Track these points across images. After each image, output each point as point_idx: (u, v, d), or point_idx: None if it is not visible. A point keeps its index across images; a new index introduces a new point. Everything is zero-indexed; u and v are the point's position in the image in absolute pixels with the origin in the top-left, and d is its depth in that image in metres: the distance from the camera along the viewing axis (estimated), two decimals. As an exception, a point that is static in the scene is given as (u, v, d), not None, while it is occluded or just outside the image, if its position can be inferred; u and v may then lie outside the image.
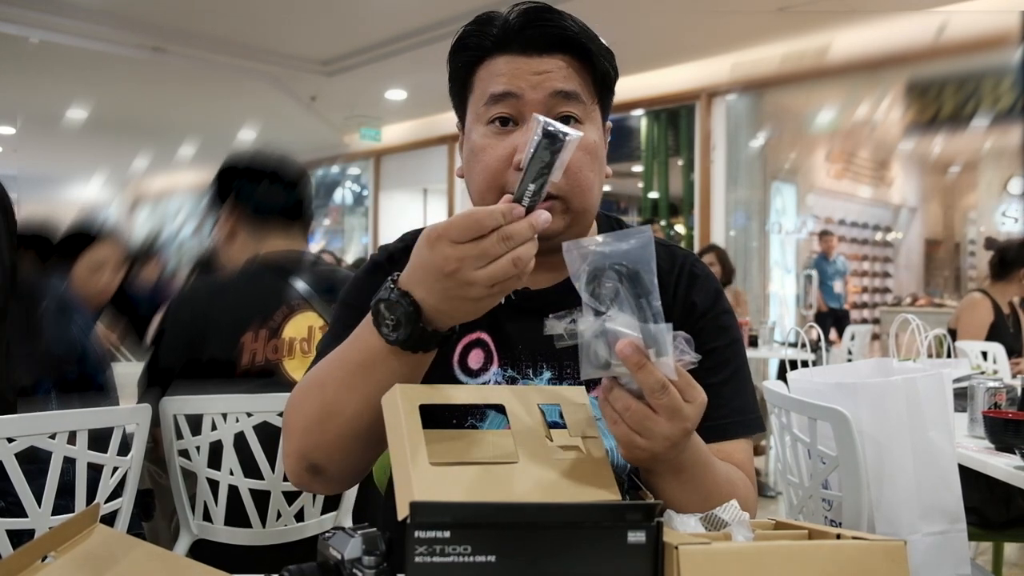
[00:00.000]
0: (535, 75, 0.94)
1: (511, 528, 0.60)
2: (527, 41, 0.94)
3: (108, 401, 1.66)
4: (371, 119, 9.13)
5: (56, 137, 10.00)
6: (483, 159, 0.95)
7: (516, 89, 0.93)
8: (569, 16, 0.96)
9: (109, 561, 0.69)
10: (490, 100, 0.95)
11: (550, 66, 0.94)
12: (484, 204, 0.93)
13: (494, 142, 0.95)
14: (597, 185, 0.98)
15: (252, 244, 1.94)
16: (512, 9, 0.96)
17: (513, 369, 1.00)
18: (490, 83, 0.95)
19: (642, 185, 7.92)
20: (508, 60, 0.95)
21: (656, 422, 0.75)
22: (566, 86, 0.94)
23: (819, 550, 0.63)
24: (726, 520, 0.68)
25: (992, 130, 7.68)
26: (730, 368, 1.01)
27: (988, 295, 3.72)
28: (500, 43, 0.95)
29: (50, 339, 1.56)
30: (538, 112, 0.90)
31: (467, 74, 0.99)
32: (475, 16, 0.99)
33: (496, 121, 0.95)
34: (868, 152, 10.16)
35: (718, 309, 1.03)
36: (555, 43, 0.94)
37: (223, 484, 1.69)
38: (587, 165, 0.96)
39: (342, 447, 0.89)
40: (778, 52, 6.47)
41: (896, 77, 7.21)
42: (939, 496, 1.49)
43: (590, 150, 0.96)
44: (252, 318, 1.79)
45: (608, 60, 0.98)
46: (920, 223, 11.39)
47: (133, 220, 13.60)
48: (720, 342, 1.01)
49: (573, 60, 0.95)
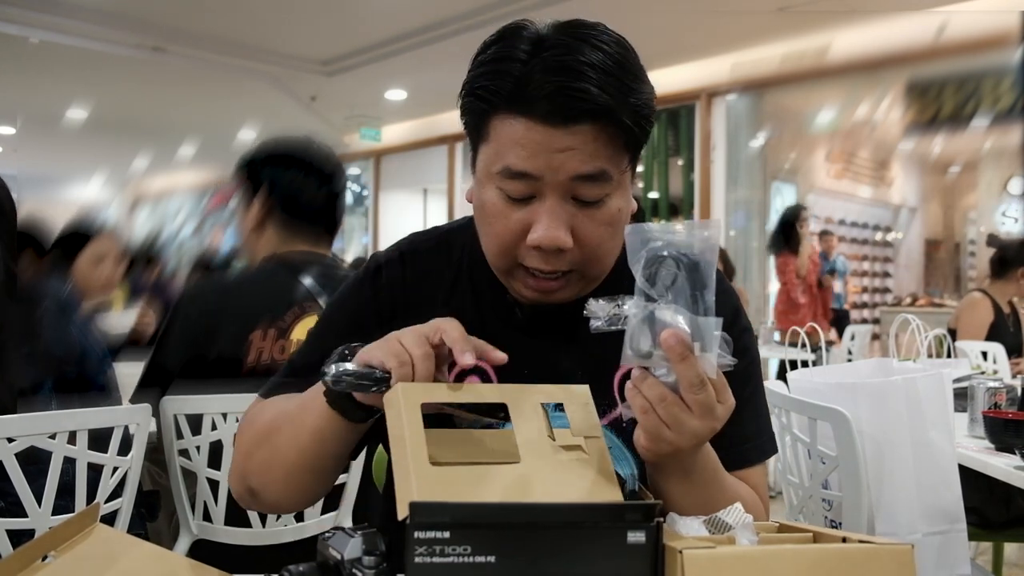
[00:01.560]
0: (557, 153, 0.83)
1: (511, 528, 0.60)
2: (551, 111, 0.82)
3: (109, 401, 1.66)
4: (371, 119, 9.13)
5: (56, 137, 10.00)
6: (495, 227, 0.89)
7: (535, 171, 0.84)
8: (600, 71, 0.82)
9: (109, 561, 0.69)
10: (506, 172, 0.85)
11: (574, 141, 0.82)
12: (495, 265, 0.93)
13: (507, 210, 0.87)
14: (617, 249, 0.92)
15: (277, 241, 1.89)
16: (537, 62, 0.82)
17: None
18: (507, 150, 0.84)
19: (642, 185, 7.92)
20: (527, 127, 0.83)
21: (688, 417, 0.74)
22: (591, 168, 0.84)
23: (825, 553, 0.62)
24: (730, 523, 0.68)
25: (992, 130, 7.67)
26: (748, 388, 0.97)
27: (988, 295, 3.72)
28: (519, 102, 0.83)
29: (50, 339, 1.56)
30: (557, 192, 0.85)
31: (480, 120, 0.88)
32: (492, 43, 0.87)
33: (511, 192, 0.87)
34: (868, 152, 10.16)
35: (738, 328, 0.99)
36: (585, 114, 0.82)
37: (223, 484, 1.69)
38: (608, 238, 0.89)
39: (274, 479, 0.91)
40: (778, 52, 6.46)
41: (896, 77, 7.21)
42: (939, 496, 1.49)
43: (613, 222, 0.88)
44: (262, 316, 1.78)
45: (644, 114, 0.86)
46: (920, 223, 11.38)
47: (133, 220, 13.60)
48: (739, 364, 0.98)
49: (604, 128, 0.83)
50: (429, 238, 1.06)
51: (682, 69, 7.04)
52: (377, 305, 1.01)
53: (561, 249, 0.86)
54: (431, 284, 1.02)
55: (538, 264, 0.88)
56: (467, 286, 1.01)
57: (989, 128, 7.52)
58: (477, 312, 0.99)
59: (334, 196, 1.94)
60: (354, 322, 1.01)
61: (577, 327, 0.93)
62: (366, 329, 0.96)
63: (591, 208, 0.87)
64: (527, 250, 0.88)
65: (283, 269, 1.86)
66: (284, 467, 0.90)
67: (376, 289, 1.02)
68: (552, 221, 0.85)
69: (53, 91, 8.20)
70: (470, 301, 1.00)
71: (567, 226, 0.86)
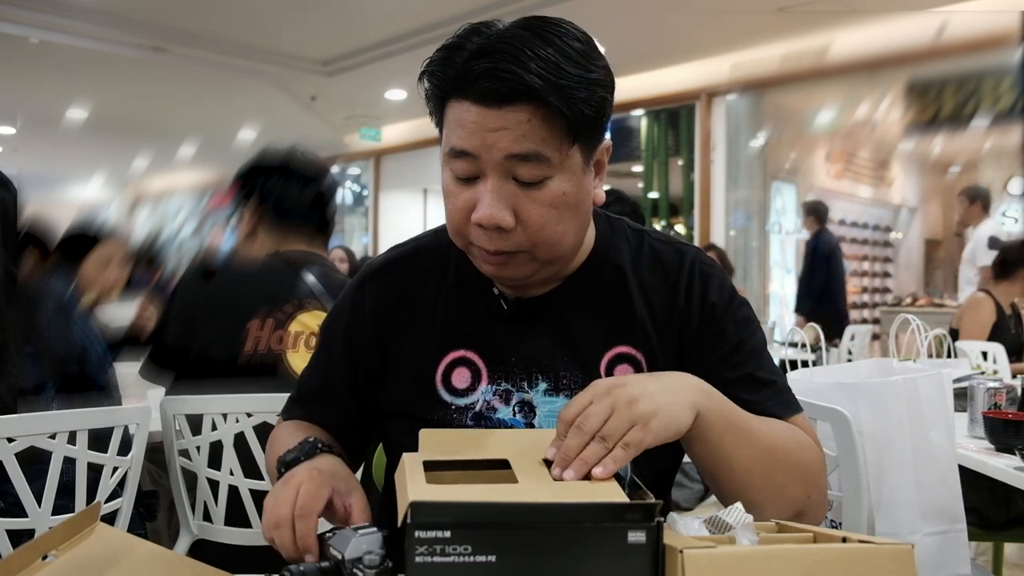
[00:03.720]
0: (492, 132, 0.85)
1: (511, 528, 0.60)
2: (484, 92, 0.85)
3: (110, 401, 1.66)
4: (371, 119, 9.13)
5: (56, 137, 10.00)
6: (448, 206, 0.93)
7: (472, 148, 0.87)
8: (537, 57, 0.84)
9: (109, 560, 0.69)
10: (451, 152, 0.89)
11: (507, 121, 0.85)
12: (456, 242, 0.96)
13: (456, 191, 0.91)
14: (572, 232, 0.93)
15: (272, 245, 1.95)
16: (473, 49, 0.86)
17: (507, 382, 0.99)
18: (452, 131, 0.89)
19: (642, 185, 7.92)
20: (469, 108, 0.86)
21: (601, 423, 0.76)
22: (522, 148, 0.85)
23: (825, 553, 0.62)
24: (730, 523, 0.68)
25: (992, 130, 7.66)
26: (761, 357, 1.00)
27: (991, 295, 3.72)
28: (459, 87, 0.87)
29: (51, 339, 1.56)
30: (496, 171, 0.87)
31: (437, 105, 0.92)
32: (450, 37, 0.90)
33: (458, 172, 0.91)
34: (868, 152, 10.15)
35: (736, 303, 1.02)
36: (516, 95, 0.84)
37: (223, 484, 1.69)
38: (553, 220, 0.90)
39: None
40: (778, 52, 6.46)
41: (896, 77, 7.21)
42: (939, 496, 1.49)
43: (558, 203, 0.89)
44: (260, 305, 1.81)
45: (586, 100, 0.86)
46: (920, 223, 11.38)
47: (133, 220, 13.59)
48: (744, 334, 1.00)
49: (539, 108, 0.85)
50: (416, 242, 1.11)
51: (682, 69, 7.04)
52: (367, 318, 1.06)
53: (502, 228, 0.88)
54: (420, 284, 1.05)
55: (483, 243, 0.91)
56: (454, 281, 1.04)
57: (989, 128, 7.51)
58: (465, 306, 1.03)
59: (321, 197, 1.98)
60: (348, 340, 1.07)
61: (560, 315, 0.99)
62: (359, 344, 1.05)
63: (532, 189, 0.89)
64: (475, 230, 0.91)
65: (284, 264, 1.89)
66: None
67: (364, 303, 1.07)
68: (491, 200, 0.88)
69: (53, 91, 8.20)
70: (457, 296, 1.03)
71: (509, 206, 0.88)
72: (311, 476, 0.86)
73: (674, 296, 1.00)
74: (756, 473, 0.86)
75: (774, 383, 0.99)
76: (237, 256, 2.00)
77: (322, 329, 1.13)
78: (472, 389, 0.99)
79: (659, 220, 7.83)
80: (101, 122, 9.25)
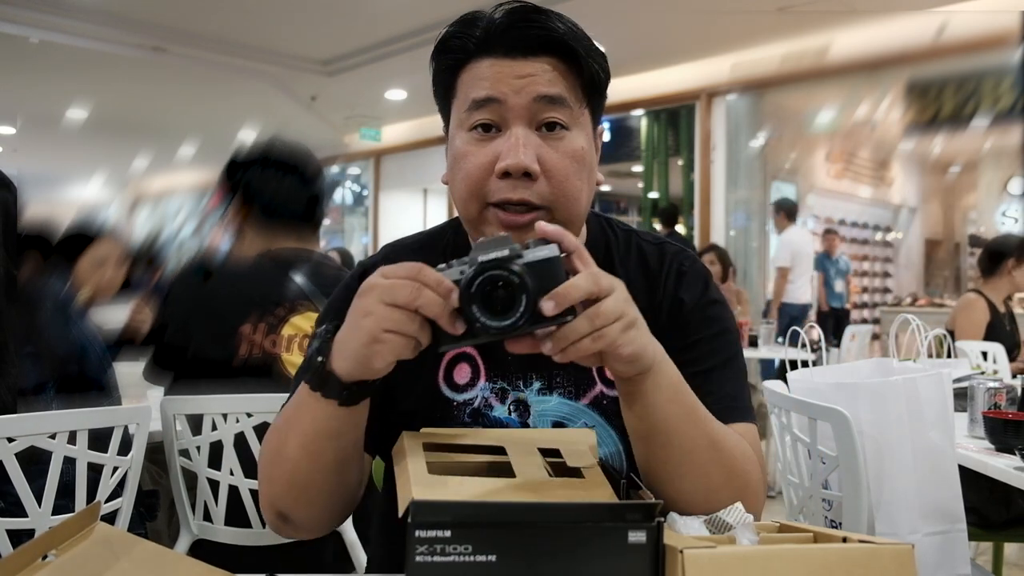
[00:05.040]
0: (518, 79, 0.89)
1: (511, 528, 0.60)
2: (511, 43, 0.90)
3: (110, 401, 1.66)
4: (371, 119, 9.13)
5: (56, 137, 10.00)
6: (465, 166, 0.92)
7: (498, 94, 0.89)
8: (557, 16, 0.92)
9: (110, 560, 0.69)
10: (472, 105, 0.91)
11: (534, 69, 0.90)
12: (467, 213, 0.94)
13: (475, 149, 0.91)
14: (585, 193, 0.94)
15: (260, 244, 1.91)
16: (496, 8, 0.92)
17: (503, 380, 0.98)
18: (472, 87, 0.91)
19: (642, 185, 7.92)
20: (491, 63, 0.90)
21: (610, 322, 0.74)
22: (551, 90, 0.90)
23: (825, 554, 0.62)
24: (730, 523, 0.68)
25: (992, 130, 7.67)
26: (718, 357, 0.98)
27: (983, 295, 3.71)
28: (483, 45, 0.91)
29: (50, 339, 1.56)
30: (522, 117, 0.89)
31: (450, 77, 0.94)
32: (459, 16, 0.94)
33: (478, 127, 0.91)
34: (868, 152, 10.16)
35: (705, 300, 1.00)
36: (540, 45, 0.90)
37: (223, 484, 1.69)
38: (574, 173, 0.91)
39: (296, 496, 0.89)
40: (778, 52, 6.47)
41: (896, 77, 7.21)
42: (939, 496, 1.49)
43: (577, 157, 0.91)
44: (251, 309, 1.79)
45: (598, 62, 0.93)
46: (920, 223, 11.39)
47: (133, 220, 13.60)
48: (706, 332, 0.98)
49: (560, 63, 0.91)
50: (412, 240, 1.09)
51: (682, 69, 7.04)
52: None
53: (528, 175, 0.89)
54: None
55: (507, 194, 0.90)
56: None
57: (989, 128, 7.52)
58: None
59: (305, 187, 1.93)
60: None
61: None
62: None
63: (554, 139, 0.91)
64: (496, 184, 0.90)
65: (274, 265, 1.87)
66: (302, 476, 0.88)
67: None
68: (520, 144, 0.88)
69: (53, 91, 8.20)
70: None
71: (534, 153, 0.89)
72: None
73: (652, 292, 1.00)
74: (695, 460, 0.83)
75: (727, 386, 0.96)
76: (228, 257, 1.98)
77: (317, 323, 1.09)
78: (472, 385, 0.99)
79: (660, 221, 7.84)
80: (101, 122, 9.26)
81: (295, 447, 0.86)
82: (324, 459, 0.86)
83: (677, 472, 0.83)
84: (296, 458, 0.86)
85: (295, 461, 0.86)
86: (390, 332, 0.73)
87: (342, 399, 0.80)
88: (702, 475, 0.83)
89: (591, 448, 0.81)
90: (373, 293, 0.74)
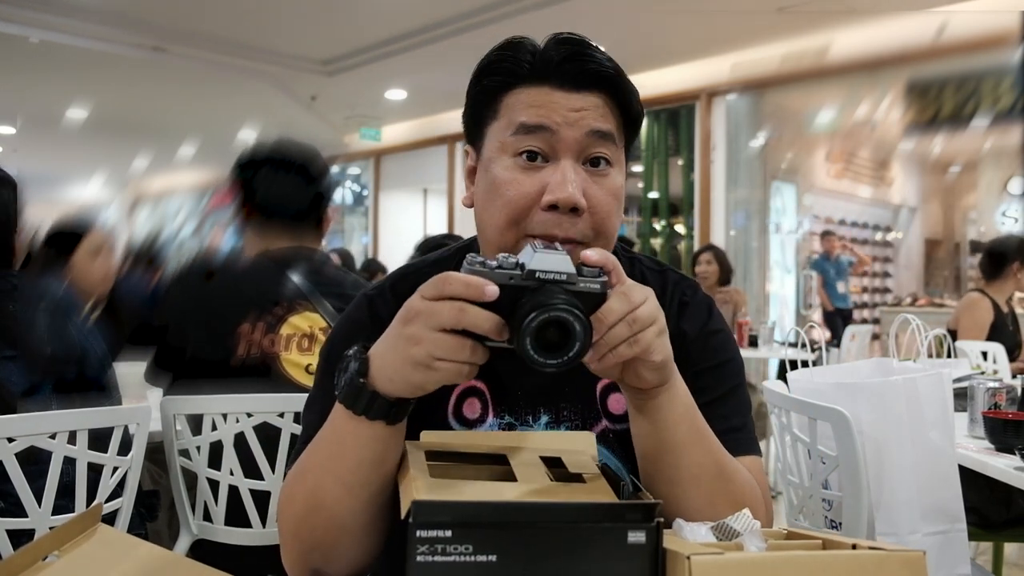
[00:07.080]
0: (572, 111, 0.88)
1: (512, 528, 0.60)
2: (566, 75, 0.89)
3: (110, 401, 1.66)
4: (371, 119, 9.12)
5: (56, 137, 10.00)
6: (507, 194, 0.88)
7: (551, 123, 0.88)
8: (603, 53, 0.92)
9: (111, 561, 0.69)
10: (520, 129, 0.89)
11: (587, 103, 0.89)
12: (502, 240, 0.90)
13: (521, 177, 0.88)
14: (616, 233, 0.93)
15: (259, 243, 1.91)
16: (550, 39, 0.92)
17: (511, 415, 0.96)
18: (521, 112, 0.89)
19: (642, 185, 7.91)
20: (545, 91, 0.89)
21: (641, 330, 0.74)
22: (603, 126, 0.89)
23: (835, 560, 0.61)
24: (738, 530, 0.67)
25: (992, 130, 7.67)
26: (722, 388, 0.96)
27: (987, 295, 3.71)
28: (536, 72, 0.90)
29: (50, 339, 1.56)
30: (572, 150, 0.88)
31: (493, 98, 0.92)
32: (503, 41, 0.94)
33: (524, 154, 0.89)
34: (868, 152, 10.16)
35: (707, 331, 0.99)
36: (593, 80, 0.90)
37: (223, 484, 1.69)
38: (614, 211, 0.91)
39: (335, 541, 0.83)
40: (778, 52, 6.46)
41: (896, 77, 7.21)
42: (939, 496, 1.49)
43: (617, 195, 0.91)
44: (249, 308, 1.79)
45: (638, 100, 0.94)
46: (920, 223, 11.39)
47: (133, 220, 13.60)
48: (708, 363, 0.97)
49: (609, 99, 0.91)
50: (417, 267, 1.04)
51: (682, 69, 7.04)
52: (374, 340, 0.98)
53: (576, 210, 0.87)
54: None
55: (552, 229, 0.87)
56: None
57: (989, 128, 7.52)
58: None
59: (304, 187, 1.92)
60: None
61: None
62: None
63: (600, 176, 0.90)
64: (540, 216, 0.88)
65: (270, 264, 1.87)
66: (347, 517, 0.81)
67: (371, 324, 0.96)
68: (570, 178, 0.87)
69: (53, 91, 8.20)
70: None
71: (581, 188, 0.88)
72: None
73: None
74: (701, 485, 0.82)
75: (733, 419, 0.95)
76: (228, 256, 1.99)
77: (323, 356, 1.02)
78: (481, 420, 0.96)
79: (659, 220, 7.84)
80: (101, 122, 9.25)
81: (336, 485, 0.80)
82: (370, 491, 0.80)
83: (684, 495, 0.82)
84: (338, 497, 0.80)
85: (337, 500, 0.81)
86: (442, 360, 0.71)
87: (390, 417, 0.76)
88: (707, 503, 0.82)
89: (592, 458, 0.81)
90: (419, 320, 0.71)
